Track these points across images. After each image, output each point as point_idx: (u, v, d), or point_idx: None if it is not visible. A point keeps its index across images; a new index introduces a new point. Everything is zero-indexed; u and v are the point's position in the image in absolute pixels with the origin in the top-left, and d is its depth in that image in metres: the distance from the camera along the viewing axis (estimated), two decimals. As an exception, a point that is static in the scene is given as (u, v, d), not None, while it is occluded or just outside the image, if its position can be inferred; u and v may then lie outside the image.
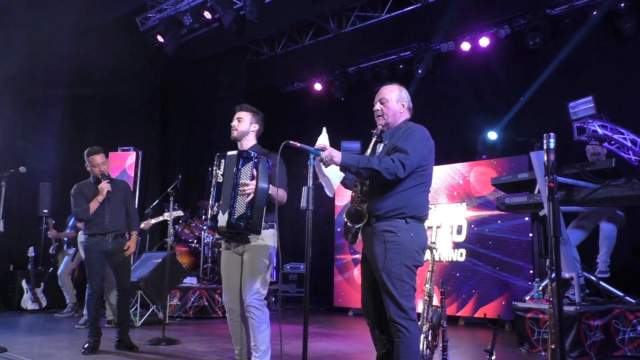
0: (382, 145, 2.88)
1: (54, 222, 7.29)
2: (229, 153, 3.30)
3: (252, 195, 3.12)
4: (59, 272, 7.07)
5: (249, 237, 3.25)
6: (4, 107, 7.87)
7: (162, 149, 10.34)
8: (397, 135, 2.80)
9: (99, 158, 4.62)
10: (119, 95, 9.37)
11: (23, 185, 7.27)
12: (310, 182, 2.67)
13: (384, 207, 2.71)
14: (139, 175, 8.83)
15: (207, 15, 8.25)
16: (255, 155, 3.20)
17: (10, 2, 7.56)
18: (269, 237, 3.28)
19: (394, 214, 2.69)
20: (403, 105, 2.90)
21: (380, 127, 2.88)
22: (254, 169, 3.16)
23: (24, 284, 7.35)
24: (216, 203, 3.25)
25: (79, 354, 4.27)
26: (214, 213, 3.23)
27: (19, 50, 7.97)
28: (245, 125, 3.44)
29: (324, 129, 2.82)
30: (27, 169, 4.70)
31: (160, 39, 8.87)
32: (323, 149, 2.61)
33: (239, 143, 3.47)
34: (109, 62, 9.15)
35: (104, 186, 4.54)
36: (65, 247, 7.23)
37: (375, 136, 2.89)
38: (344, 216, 2.85)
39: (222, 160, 3.31)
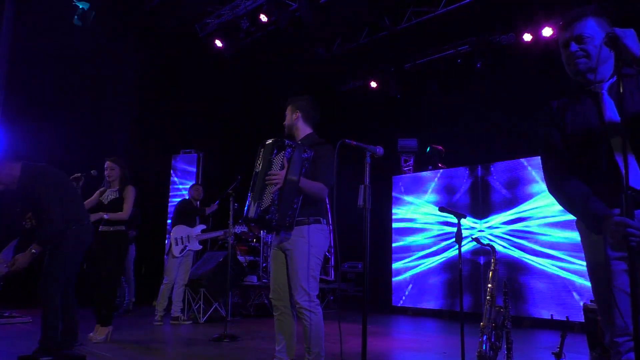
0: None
1: None
2: (267, 142, 3.14)
3: (278, 186, 2.94)
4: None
5: (290, 232, 3.06)
6: (77, 114, 8.34)
7: (222, 150, 10.62)
8: None
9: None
10: (180, 99, 9.72)
11: (95, 188, 7.64)
12: (367, 180, 2.64)
13: None
14: (200, 176, 9.11)
15: (263, 18, 8.38)
16: (290, 144, 3.02)
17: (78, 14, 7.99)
18: (312, 232, 3.06)
19: None
20: None
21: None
22: (286, 159, 2.98)
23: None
24: (251, 193, 3.11)
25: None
26: (248, 203, 3.10)
27: (88, 59, 8.43)
28: (288, 119, 3.35)
29: None
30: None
31: (218, 43, 9.10)
32: None
33: (295, 137, 3.34)
34: (170, 67, 9.52)
35: None
36: None
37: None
38: None
39: (262, 150, 3.16)
